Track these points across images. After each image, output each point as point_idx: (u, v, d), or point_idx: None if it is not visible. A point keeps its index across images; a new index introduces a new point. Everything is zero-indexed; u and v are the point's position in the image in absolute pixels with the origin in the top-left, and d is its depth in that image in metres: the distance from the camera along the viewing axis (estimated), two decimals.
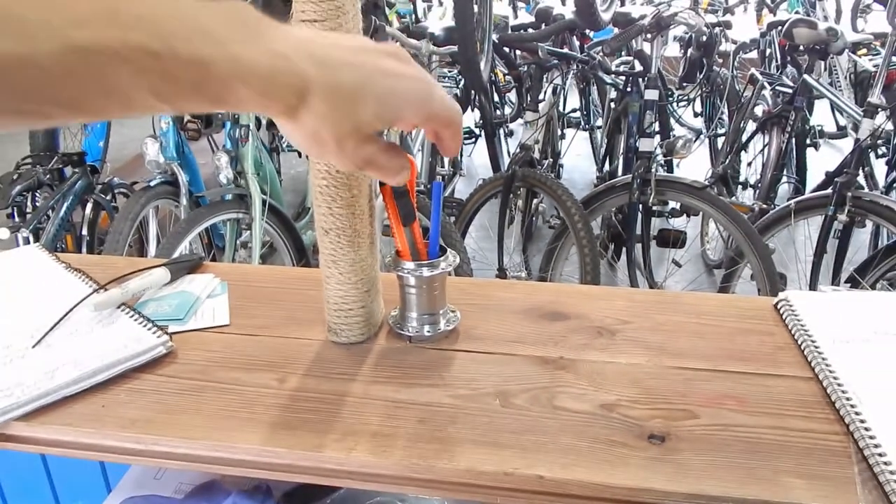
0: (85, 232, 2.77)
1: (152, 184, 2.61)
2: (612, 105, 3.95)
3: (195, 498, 0.86)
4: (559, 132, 4.05)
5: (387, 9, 4.28)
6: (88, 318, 0.85)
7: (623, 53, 4.29)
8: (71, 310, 0.86)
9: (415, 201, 0.78)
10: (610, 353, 0.79)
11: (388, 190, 0.76)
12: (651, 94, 2.96)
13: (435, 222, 0.81)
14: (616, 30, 3.24)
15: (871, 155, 3.40)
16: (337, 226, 0.78)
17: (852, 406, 0.67)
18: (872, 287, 2.40)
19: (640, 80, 3.10)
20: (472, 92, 4.00)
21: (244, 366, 0.78)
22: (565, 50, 3.66)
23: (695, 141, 3.34)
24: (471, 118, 4.65)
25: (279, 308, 0.90)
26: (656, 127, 3.06)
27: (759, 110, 3.64)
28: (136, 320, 0.85)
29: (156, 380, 0.76)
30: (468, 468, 0.63)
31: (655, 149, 2.81)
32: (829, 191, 2.63)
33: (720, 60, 4.22)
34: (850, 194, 2.56)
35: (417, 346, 0.81)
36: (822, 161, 3.83)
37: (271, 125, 3.09)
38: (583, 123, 4.71)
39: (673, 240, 2.97)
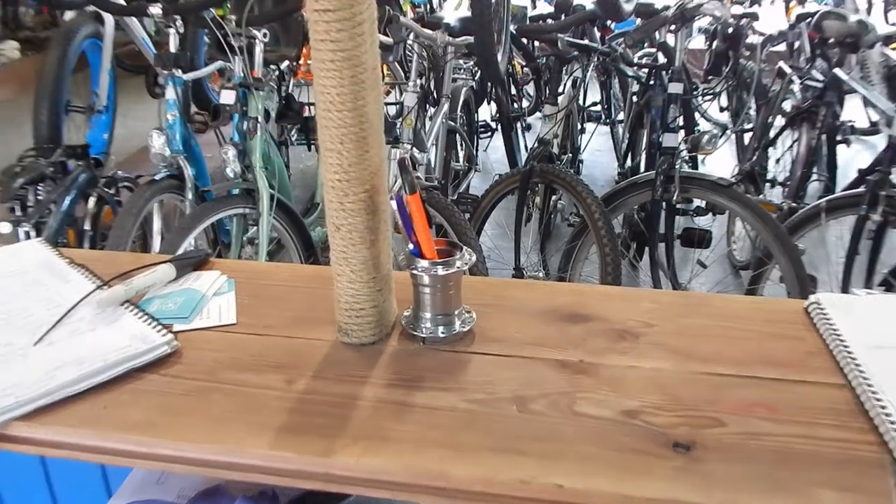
0: (88, 227, 2.78)
1: (157, 178, 2.62)
2: (635, 99, 3.93)
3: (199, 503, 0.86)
4: (579, 126, 4.03)
5: None
6: (91, 316, 0.85)
7: (646, 45, 4.27)
8: (73, 307, 0.86)
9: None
10: (633, 357, 0.79)
11: (417, 198, 0.77)
12: (675, 88, 2.94)
13: (409, 231, 0.82)
14: (639, 21, 3.22)
15: None
16: (349, 222, 0.78)
17: (887, 415, 0.66)
18: None
19: (664, 72, 3.08)
20: (489, 84, 4.00)
21: (251, 367, 0.78)
22: (586, 41, 3.65)
23: (720, 136, 3.31)
24: (487, 112, 4.64)
25: (288, 307, 0.90)
26: (680, 122, 3.04)
27: (787, 105, 3.61)
28: (140, 318, 0.85)
29: (160, 380, 0.76)
30: (483, 476, 0.62)
31: (679, 144, 2.80)
32: (862, 189, 2.60)
33: (747, 53, 4.19)
34: (883, 193, 2.53)
35: (431, 348, 0.81)
36: (853, 158, 3.80)
37: (281, 117, 3.10)
38: (603, 118, 4.69)
39: (698, 239, 2.94)
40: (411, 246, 0.82)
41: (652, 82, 3.38)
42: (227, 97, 2.61)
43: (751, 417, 0.68)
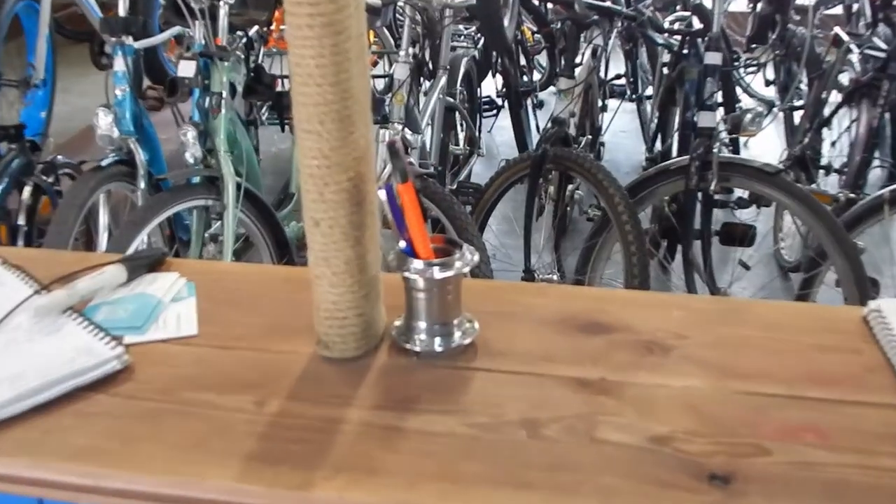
0: (22, 221, 2.78)
1: (104, 163, 2.62)
2: (665, 71, 3.93)
3: None
4: (600, 103, 4.03)
5: None
6: (28, 325, 0.85)
7: (678, 8, 4.27)
8: (7, 315, 0.86)
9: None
10: (662, 373, 0.79)
11: (410, 187, 0.77)
12: (713, 58, 2.94)
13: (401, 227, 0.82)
14: None
15: None
16: (330, 216, 0.78)
17: None
18: None
19: (700, 40, 3.08)
20: (494, 54, 4.00)
21: (216, 385, 0.78)
22: (608, 3, 3.65)
23: (766, 115, 3.32)
24: (492, 86, 4.64)
25: (258, 315, 0.90)
26: (719, 98, 3.04)
27: (844, 79, 3.61)
28: (85, 328, 0.85)
29: (108, 401, 0.76)
30: None
31: (718, 124, 2.80)
32: None
33: (797, 17, 4.19)
34: None
35: (426, 364, 0.82)
36: None
37: (249, 92, 3.10)
38: (629, 93, 4.70)
39: (739, 236, 2.95)
40: (403, 244, 0.82)
41: (686, 51, 3.38)
42: (186, 69, 2.60)
43: (799, 444, 0.68)
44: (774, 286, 3.43)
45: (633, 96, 4.70)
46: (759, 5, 4.00)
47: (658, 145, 4.01)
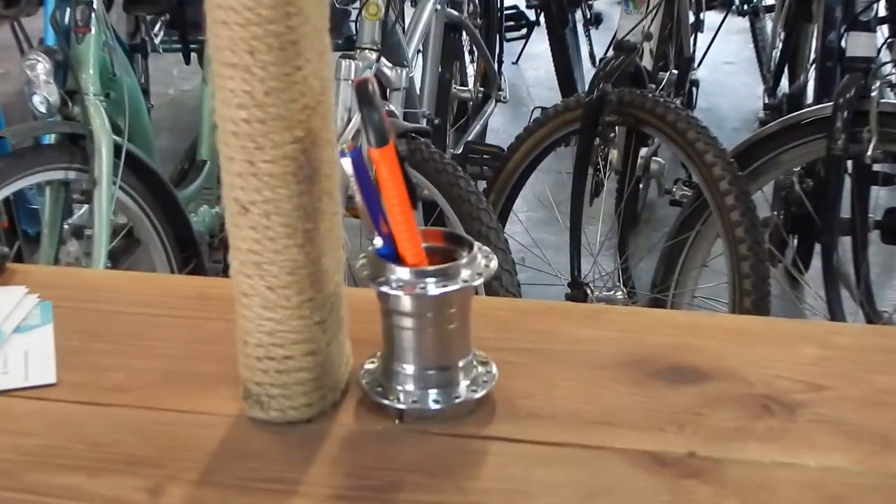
0: None
1: None
2: None
3: None
4: (692, 18, 4.03)
5: None
6: None
7: None
8: None
9: None
10: (785, 446, 0.79)
11: (390, 151, 0.77)
12: None
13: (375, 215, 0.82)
14: None
15: None
16: (265, 198, 0.78)
17: None
18: None
19: None
20: None
21: (85, 464, 0.78)
22: None
23: None
24: None
25: (150, 354, 0.90)
26: (881, 10, 3.02)
27: None
28: None
29: None
30: None
31: (879, 53, 2.80)
32: None
33: None
34: None
35: (415, 430, 0.82)
36: None
37: (132, 2, 3.08)
38: (737, 2, 4.69)
39: None
40: (379, 241, 0.83)
41: None
42: None
43: None
44: None
45: (745, 7, 4.69)
46: None
47: (784, 85, 3.99)
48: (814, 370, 0.87)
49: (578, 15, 4.39)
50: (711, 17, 4.52)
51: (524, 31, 4.75)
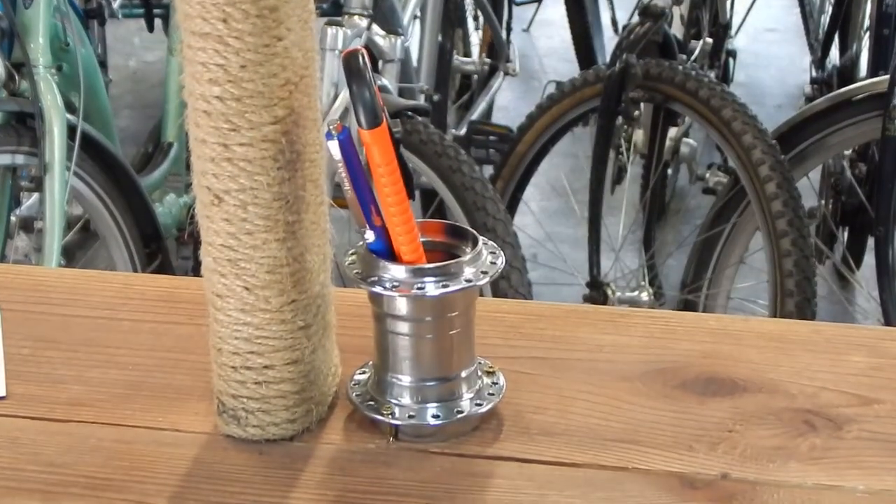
0: None
1: None
2: None
3: None
4: None
5: None
6: None
7: None
8: None
9: None
10: (831, 467, 0.78)
11: (383, 133, 0.75)
12: None
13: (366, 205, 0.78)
14: None
15: None
16: (241, 186, 0.75)
17: None
18: None
19: None
20: None
21: (40, 486, 0.77)
22: None
23: None
24: None
25: (112, 363, 0.90)
26: None
27: None
28: None
29: None
30: None
31: None
32: None
33: None
34: None
35: (412, 449, 0.81)
36: None
37: None
38: None
39: None
40: (371, 236, 0.79)
41: None
42: None
43: None
44: None
45: None
46: None
47: (834, 56, 3.95)
48: (864, 381, 0.86)
49: None
50: None
51: None
